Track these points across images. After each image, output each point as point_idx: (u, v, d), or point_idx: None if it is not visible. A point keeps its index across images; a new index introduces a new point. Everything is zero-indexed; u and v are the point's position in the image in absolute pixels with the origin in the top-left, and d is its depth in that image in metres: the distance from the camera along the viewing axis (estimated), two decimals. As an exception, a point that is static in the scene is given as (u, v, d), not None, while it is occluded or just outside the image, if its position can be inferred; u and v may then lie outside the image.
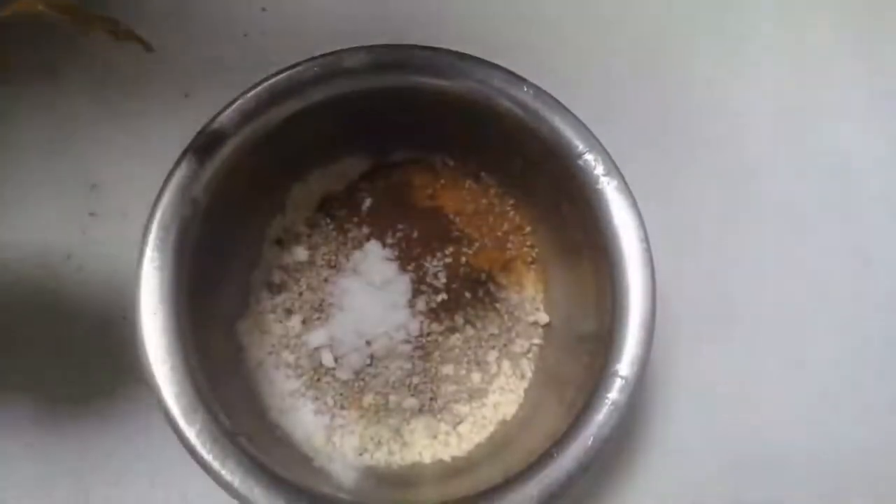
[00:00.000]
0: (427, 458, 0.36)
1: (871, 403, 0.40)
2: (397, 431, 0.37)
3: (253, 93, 0.33)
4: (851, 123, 0.44)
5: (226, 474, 0.29)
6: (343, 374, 0.37)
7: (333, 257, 0.38)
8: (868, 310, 0.42)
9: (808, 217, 0.42)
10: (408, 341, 0.37)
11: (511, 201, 0.39)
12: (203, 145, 0.32)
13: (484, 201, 0.39)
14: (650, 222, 0.32)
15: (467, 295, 0.38)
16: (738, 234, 0.42)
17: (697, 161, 0.43)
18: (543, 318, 0.38)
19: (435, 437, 0.37)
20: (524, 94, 0.33)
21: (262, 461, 0.29)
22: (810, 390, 0.40)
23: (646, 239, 0.32)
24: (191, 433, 0.29)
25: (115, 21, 0.31)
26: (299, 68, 0.33)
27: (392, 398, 0.37)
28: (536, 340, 0.38)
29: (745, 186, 0.43)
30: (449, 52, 0.34)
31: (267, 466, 0.29)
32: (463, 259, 0.39)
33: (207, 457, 0.29)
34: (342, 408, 0.37)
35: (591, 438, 0.30)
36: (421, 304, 0.38)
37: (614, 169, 0.33)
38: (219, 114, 0.32)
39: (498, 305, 0.38)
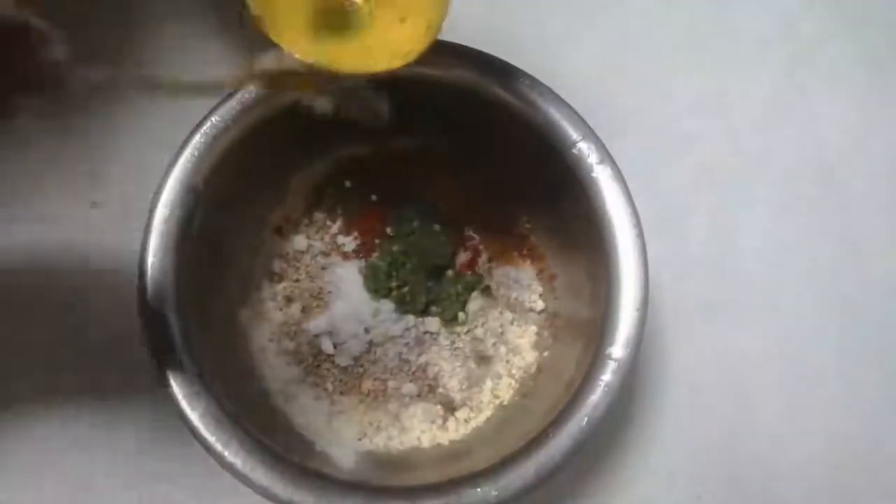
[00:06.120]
0: (426, 443, 0.37)
1: (860, 387, 0.41)
2: (396, 416, 0.37)
3: (253, 83, 0.33)
4: (841, 111, 0.45)
5: (228, 456, 0.29)
6: (342, 361, 0.37)
7: (332, 246, 0.39)
8: (856, 295, 0.42)
9: (798, 204, 0.43)
10: (406, 328, 0.38)
11: (507, 190, 0.40)
12: (204, 135, 0.33)
13: (480, 190, 0.40)
14: (643, 210, 0.33)
15: (465, 282, 0.39)
16: (728, 221, 0.42)
17: (689, 150, 0.43)
18: (540, 304, 0.39)
19: (433, 421, 0.37)
20: (519, 84, 0.34)
21: (264, 443, 0.30)
22: (800, 374, 0.41)
23: (639, 225, 0.33)
24: (194, 416, 0.30)
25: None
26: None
27: (391, 384, 0.37)
28: (533, 326, 0.39)
29: (735, 174, 0.43)
30: (444, 42, 0.34)
31: (269, 448, 0.30)
32: (460, 246, 0.39)
33: (210, 439, 0.29)
34: (342, 393, 0.37)
35: (586, 419, 0.30)
36: (419, 291, 0.38)
37: (608, 157, 0.33)
38: (220, 103, 0.33)
39: (495, 292, 0.39)
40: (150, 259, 0.31)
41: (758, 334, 0.41)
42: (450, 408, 0.37)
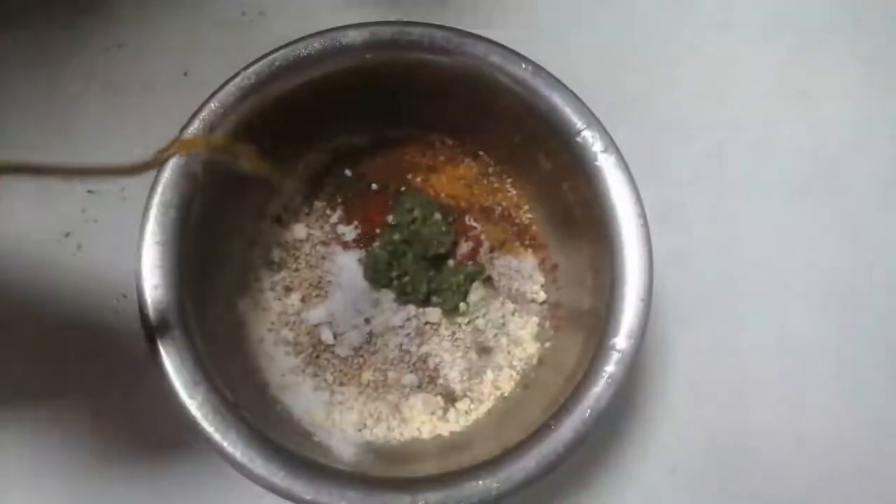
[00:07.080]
0: (426, 434, 0.37)
1: (860, 387, 0.41)
2: (396, 407, 0.37)
3: (252, 69, 0.33)
4: (843, 104, 0.44)
5: (227, 446, 0.29)
6: (342, 351, 0.37)
7: (332, 235, 0.38)
8: (856, 295, 0.42)
9: (798, 202, 0.43)
10: (407, 318, 0.37)
11: (509, 179, 0.39)
12: (202, 122, 0.32)
13: (482, 179, 0.39)
14: (647, 200, 0.33)
15: (466, 271, 0.38)
16: (732, 212, 0.42)
17: (694, 140, 0.43)
18: (541, 294, 0.39)
19: (433, 413, 0.37)
20: (523, 71, 0.33)
21: (263, 433, 0.30)
22: (803, 367, 0.41)
23: (643, 215, 0.32)
24: (192, 405, 0.29)
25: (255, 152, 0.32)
26: (298, 45, 0.33)
27: (391, 374, 0.37)
28: (534, 317, 0.38)
29: (739, 166, 0.43)
30: (448, 28, 0.34)
31: (268, 438, 0.30)
32: (461, 236, 0.39)
33: (209, 429, 0.29)
34: (341, 384, 0.37)
35: (588, 411, 0.30)
36: (419, 281, 0.38)
37: (612, 145, 0.33)
38: (218, 90, 0.32)
39: (496, 282, 0.39)
40: (148, 247, 0.31)
41: (758, 332, 0.41)
42: (450, 399, 0.37)
